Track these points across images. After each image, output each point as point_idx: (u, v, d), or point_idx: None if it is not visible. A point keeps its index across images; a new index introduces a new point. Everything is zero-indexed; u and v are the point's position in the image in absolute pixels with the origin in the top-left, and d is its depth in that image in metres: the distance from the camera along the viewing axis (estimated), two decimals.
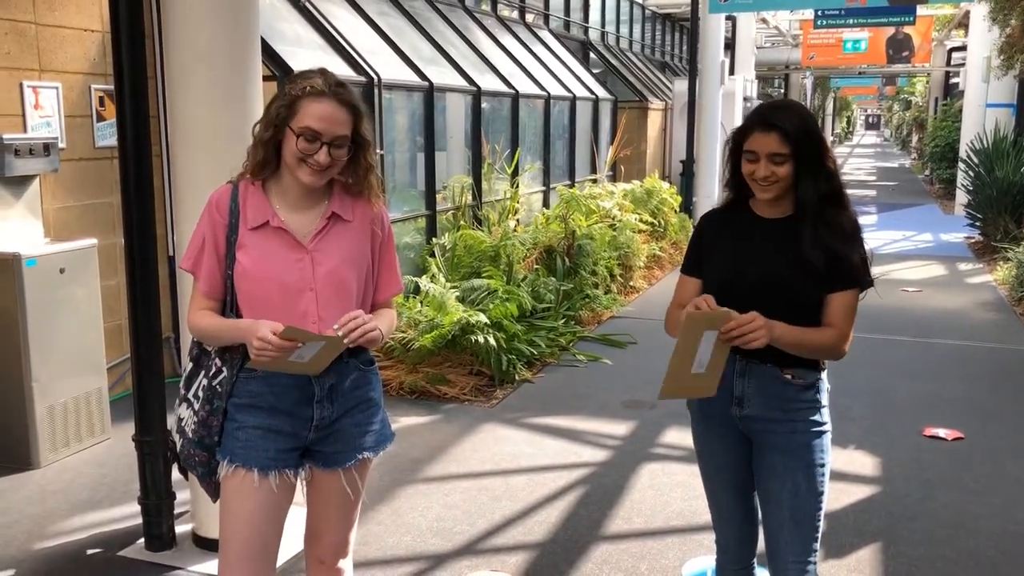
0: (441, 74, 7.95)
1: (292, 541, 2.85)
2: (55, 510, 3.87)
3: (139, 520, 3.54)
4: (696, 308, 2.11)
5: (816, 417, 2.33)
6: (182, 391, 2.28)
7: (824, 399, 2.35)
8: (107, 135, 5.19)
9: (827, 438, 2.34)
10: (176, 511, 3.54)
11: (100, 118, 5.20)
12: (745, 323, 2.09)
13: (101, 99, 5.19)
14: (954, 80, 26.17)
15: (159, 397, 3.43)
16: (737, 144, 2.30)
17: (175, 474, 3.07)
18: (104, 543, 3.57)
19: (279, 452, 2.21)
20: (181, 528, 3.56)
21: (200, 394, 2.23)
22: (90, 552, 3.50)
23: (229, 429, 2.20)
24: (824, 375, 2.36)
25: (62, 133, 4.95)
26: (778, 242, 2.28)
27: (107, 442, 4.63)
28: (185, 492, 3.61)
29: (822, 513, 2.33)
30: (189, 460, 2.28)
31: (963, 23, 20.39)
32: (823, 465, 2.32)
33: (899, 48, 20.19)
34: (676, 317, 2.32)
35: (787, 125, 2.19)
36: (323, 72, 2.16)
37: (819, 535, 2.33)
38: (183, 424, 2.28)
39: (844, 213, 2.28)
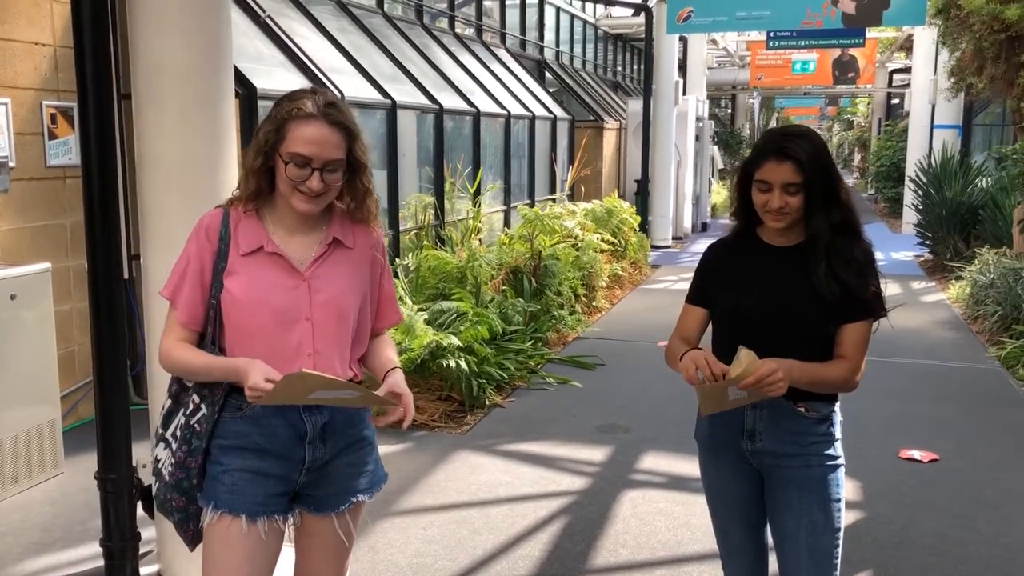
0: (403, 92, 7.83)
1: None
2: (6, 553, 3.62)
3: (98, 562, 3.30)
4: (693, 362, 2.07)
5: (830, 451, 2.25)
6: (159, 430, 2.11)
7: (838, 432, 2.28)
8: (59, 154, 4.96)
9: (841, 472, 2.27)
10: (140, 551, 3.33)
11: (52, 136, 4.96)
12: (764, 376, 2.00)
13: (53, 116, 4.95)
14: (895, 101, 26.81)
15: (124, 430, 3.21)
16: (747, 173, 2.22)
17: (139, 511, 2.87)
18: None
19: (268, 497, 2.05)
20: (146, 570, 3.35)
21: (178, 433, 2.07)
22: None
23: (213, 472, 2.04)
24: (837, 407, 2.29)
25: (11, 152, 4.70)
26: (789, 271, 2.21)
27: (59, 477, 4.36)
28: (149, 530, 3.40)
29: (839, 550, 2.24)
30: (166, 505, 2.12)
31: (905, 46, 20.90)
32: (839, 500, 2.24)
33: (845, 69, 20.61)
34: (677, 350, 2.22)
35: (802, 155, 2.12)
36: (313, 92, 2.00)
37: (837, 573, 2.24)
38: (160, 466, 2.11)
39: (857, 244, 2.21)
